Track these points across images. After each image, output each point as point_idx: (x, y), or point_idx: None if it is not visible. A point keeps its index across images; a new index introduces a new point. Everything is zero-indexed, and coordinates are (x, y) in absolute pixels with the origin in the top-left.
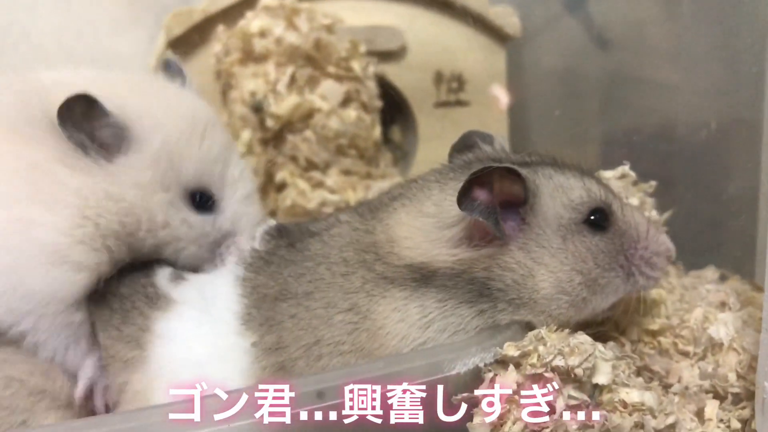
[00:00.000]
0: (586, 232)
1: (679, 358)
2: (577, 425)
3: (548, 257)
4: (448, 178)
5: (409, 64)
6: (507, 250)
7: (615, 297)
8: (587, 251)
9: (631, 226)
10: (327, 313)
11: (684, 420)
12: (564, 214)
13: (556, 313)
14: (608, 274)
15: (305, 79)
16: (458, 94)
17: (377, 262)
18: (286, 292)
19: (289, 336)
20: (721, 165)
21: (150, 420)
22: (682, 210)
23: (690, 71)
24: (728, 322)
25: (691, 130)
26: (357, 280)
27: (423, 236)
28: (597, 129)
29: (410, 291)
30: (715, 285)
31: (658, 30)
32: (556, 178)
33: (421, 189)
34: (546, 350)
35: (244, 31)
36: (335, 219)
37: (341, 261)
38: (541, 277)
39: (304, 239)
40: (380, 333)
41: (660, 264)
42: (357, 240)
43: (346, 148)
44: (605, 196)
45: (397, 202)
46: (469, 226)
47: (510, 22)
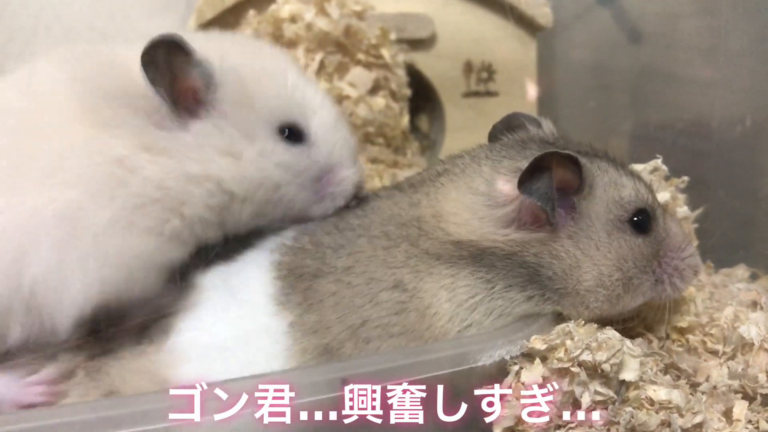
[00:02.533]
0: (629, 232)
1: (708, 357)
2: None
3: (594, 250)
4: (501, 156)
5: (438, 53)
6: (557, 237)
7: (642, 299)
8: (629, 250)
9: (669, 235)
10: (370, 290)
11: (711, 420)
12: (613, 210)
13: (594, 305)
14: (642, 276)
15: (334, 66)
16: (488, 84)
17: (422, 237)
18: (325, 267)
19: (332, 315)
20: (755, 162)
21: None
22: (713, 207)
23: (725, 67)
24: (760, 321)
25: (725, 127)
26: (400, 254)
27: (471, 213)
28: (627, 123)
29: (458, 269)
30: (746, 284)
31: (693, 24)
32: (611, 173)
33: (469, 165)
34: (573, 344)
35: (275, 15)
36: (373, 194)
37: (382, 234)
38: (586, 269)
39: (342, 214)
40: (428, 312)
41: (688, 277)
42: (399, 214)
43: (374, 136)
44: (651, 200)
45: (443, 177)
46: (521, 208)
47: (542, 12)
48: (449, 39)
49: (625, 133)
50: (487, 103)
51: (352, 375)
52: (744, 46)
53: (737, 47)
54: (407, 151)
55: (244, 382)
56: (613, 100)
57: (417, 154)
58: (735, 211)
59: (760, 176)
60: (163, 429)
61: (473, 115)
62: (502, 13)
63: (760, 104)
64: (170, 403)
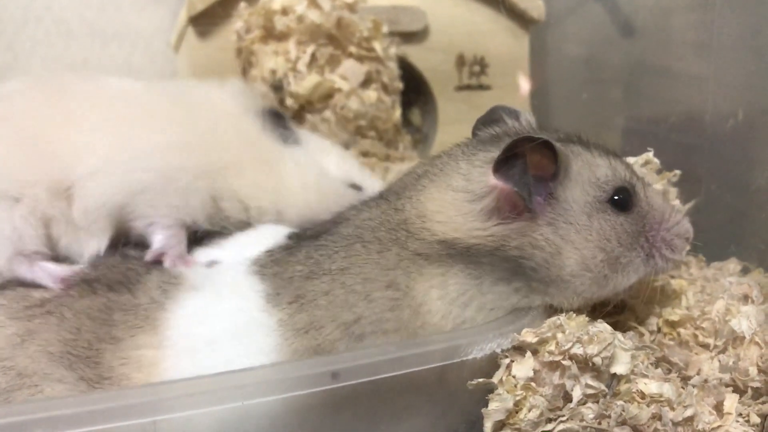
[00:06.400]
0: (610, 212)
1: (699, 351)
2: (593, 414)
3: (574, 234)
4: (476, 150)
5: (431, 46)
6: (536, 227)
7: (636, 276)
8: (611, 230)
9: (653, 207)
10: (365, 289)
11: (702, 413)
12: (590, 192)
13: (580, 289)
14: (630, 253)
15: (326, 59)
16: (480, 77)
17: (410, 238)
18: (318, 270)
19: (325, 315)
20: (747, 156)
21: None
22: (705, 201)
23: (717, 61)
24: (751, 315)
25: (717, 121)
26: (392, 257)
27: (454, 210)
28: (619, 117)
29: (446, 267)
30: (737, 277)
31: (685, 18)
32: (585, 155)
33: (447, 163)
34: (564, 338)
35: (266, 8)
36: (362, 205)
37: (375, 240)
38: (567, 254)
39: (331, 229)
40: (422, 310)
41: (680, 246)
42: (387, 220)
43: (366, 130)
44: (629, 177)
45: (424, 179)
46: (499, 197)
47: (534, 6)
48: (442, 32)
49: (618, 126)
50: (480, 97)
51: (344, 368)
52: (736, 40)
53: (729, 42)
54: (399, 145)
55: (233, 375)
56: (605, 93)
57: (409, 147)
58: (727, 205)
59: (751, 170)
60: (150, 423)
61: (465, 108)
62: (495, 7)
63: (752, 98)
64: (158, 396)
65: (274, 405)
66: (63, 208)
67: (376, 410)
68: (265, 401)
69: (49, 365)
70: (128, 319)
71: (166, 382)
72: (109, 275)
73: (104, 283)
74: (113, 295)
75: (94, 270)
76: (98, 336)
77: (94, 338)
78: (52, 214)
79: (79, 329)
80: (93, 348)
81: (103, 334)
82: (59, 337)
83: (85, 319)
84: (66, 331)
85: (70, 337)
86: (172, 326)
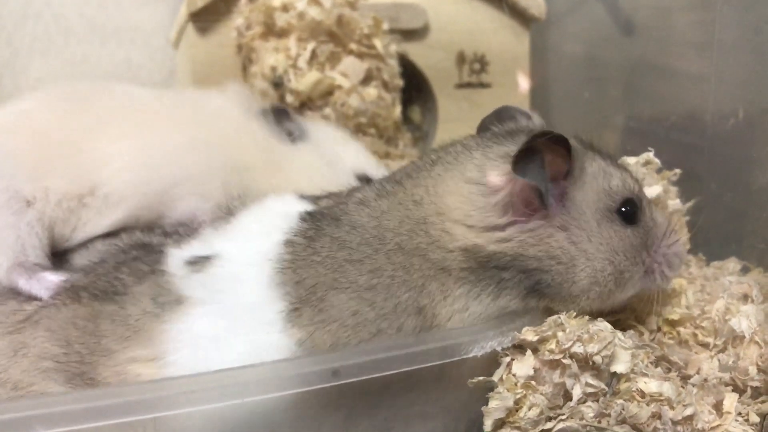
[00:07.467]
0: (618, 222)
1: (699, 350)
2: (593, 412)
3: (587, 242)
4: (491, 143)
5: (431, 44)
6: (551, 230)
7: (632, 291)
8: (619, 241)
9: (656, 223)
10: (397, 316)
11: (702, 412)
12: (602, 199)
13: (584, 304)
14: (633, 268)
15: (326, 56)
16: (480, 75)
17: (431, 246)
18: (344, 281)
19: (351, 336)
20: (747, 155)
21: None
22: (705, 200)
23: (718, 60)
24: (751, 314)
25: (718, 120)
26: (416, 273)
27: (470, 205)
28: (620, 116)
29: (469, 286)
30: (737, 277)
31: (686, 17)
32: (599, 161)
33: (462, 152)
34: (565, 336)
35: (267, 4)
36: (379, 188)
37: (397, 248)
38: (580, 266)
39: (349, 208)
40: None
41: (676, 265)
42: (407, 216)
43: (366, 127)
44: (638, 190)
45: (438, 167)
46: (513, 191)
47: (535, 4)
48: (442, 29)
49: (618, 125)
50: (480, 95)
51: (344, 366)
52: (737, 39)
53: (730, 40)
54: (399, 142)
55: (234, 372)
56: (605, 92)
57: (409, 145)
58: (727, 204)
59: (752, 169)
60: (150, 419)
61: (466, 106)
62: (496, 4)
63: (753, 97)
64: (159, 393)
65: (275, 402)
66: (74, 208)
67: (377, 408)
68: (265, 398)
69: (46, 381)
70: (117, 329)
71: (166, 379)
72: (97, 283)
73: (91, 291)
74: (98, 304)
75: (84, 277)
76: (88, 347)
77: (84, 350)
78: (60, 216)
79: (68, 341)
80: (86, 362)
81: (92, 345)
82: (51, 351)
83: (72, 329)
84: (55, 344)
85: (61, 351)
86: (169, 339)
